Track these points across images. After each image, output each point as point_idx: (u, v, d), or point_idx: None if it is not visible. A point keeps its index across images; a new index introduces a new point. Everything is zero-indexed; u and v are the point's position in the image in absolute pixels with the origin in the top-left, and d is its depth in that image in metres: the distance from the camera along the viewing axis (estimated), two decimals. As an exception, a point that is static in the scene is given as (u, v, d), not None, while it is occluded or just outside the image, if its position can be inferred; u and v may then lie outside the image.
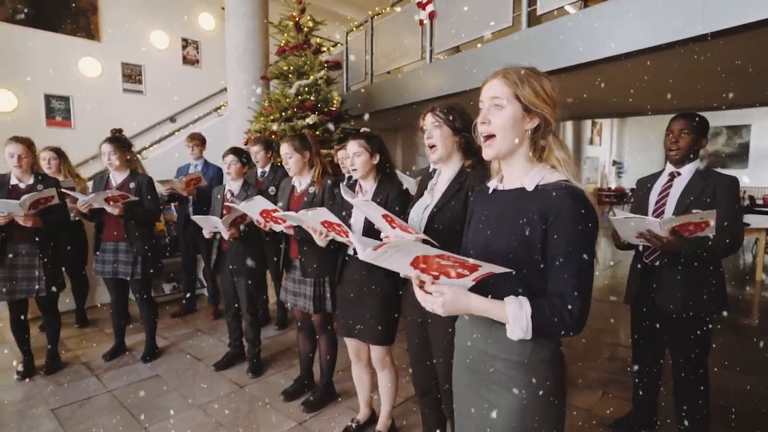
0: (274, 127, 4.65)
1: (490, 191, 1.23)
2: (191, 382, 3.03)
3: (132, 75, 6.44)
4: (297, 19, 4.84)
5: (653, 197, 2.26)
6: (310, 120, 4.62)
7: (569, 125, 14.71)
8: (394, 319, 2.18)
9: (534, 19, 3.85)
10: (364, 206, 1.64)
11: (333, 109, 4.82)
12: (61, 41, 5.80)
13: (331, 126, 4.69)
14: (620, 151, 17.86)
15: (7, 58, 5.46)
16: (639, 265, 2.31)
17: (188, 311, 4.46)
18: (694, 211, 2.01)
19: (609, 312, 4.42)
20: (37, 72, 5.61)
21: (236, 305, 3.18)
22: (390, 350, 2.29)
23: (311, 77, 4.75)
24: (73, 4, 5.83)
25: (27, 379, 3.05)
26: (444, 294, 1.02)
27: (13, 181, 3.01)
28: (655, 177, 2.33)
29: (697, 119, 2.14)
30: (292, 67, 4.87)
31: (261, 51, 5.29)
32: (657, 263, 2.20)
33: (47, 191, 2.83)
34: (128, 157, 3.30)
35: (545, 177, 1.11)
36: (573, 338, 3.87)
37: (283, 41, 4.96)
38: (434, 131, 1.71)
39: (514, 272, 1.00)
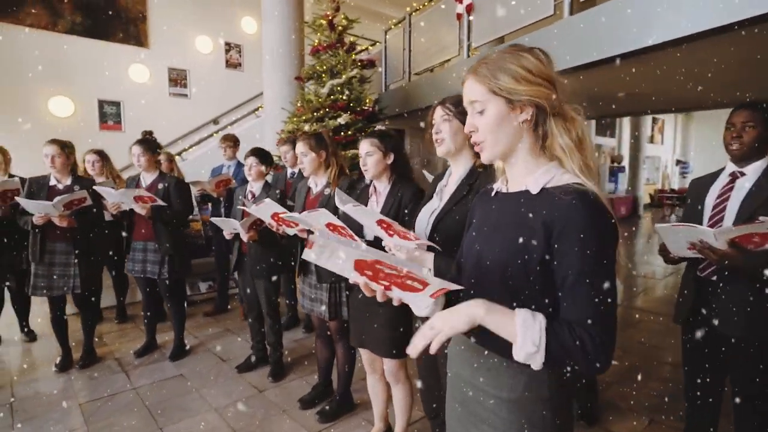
0: (306, 127, 4.61)
1: (493, 194, 1.05)
2: (213, 384, 3.02)
3: (178, 79, 6.69)
4: (330, 18, 4.78)
5: (710, 201, 1.94)
6: (342, 120, 4.54)
7: (626, 122, 13.81)
8: (406, 331, 2.03)
9: (577, 6, 3.54)
10: (355, 213, 1.50)
11: (366, 108, 4.72)
12: (113, 49, 6.11)
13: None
14: (685, 150, 16.55)
15: (66, 67, 5.82)
16: (692, 279, 2.00)
17: (220, 311, 4.51)
18: (760, 218, 1.69)
19: (656, 327, 4.01)
20: (92, 79, 5.94)
21: (258, 308, 3.14)
22: (405, 364, 2.14)
23: (344, 76, 4.68)
24: (124, 14, 6.12)
25: (63, 372, 3.17)
26: (434, 327, 0.84)
27: (52, 182, 3.14)
28: (713, 177, 2.00)
29: (764, 108, 1.81)
30: (325, 67, 4.82)
31: (296, 52, 5.29)
32: (714, 278, 1.89)
33: (79, 193, 2.91)
34: (157, 158, 3.36)
35: (555, 178, 0.92)
36: (616, 354, 3.54)
37: (317, 41, 4.91)
38: (443, 125, 1.54)
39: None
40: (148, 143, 3.31)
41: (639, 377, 3.07)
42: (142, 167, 3.26)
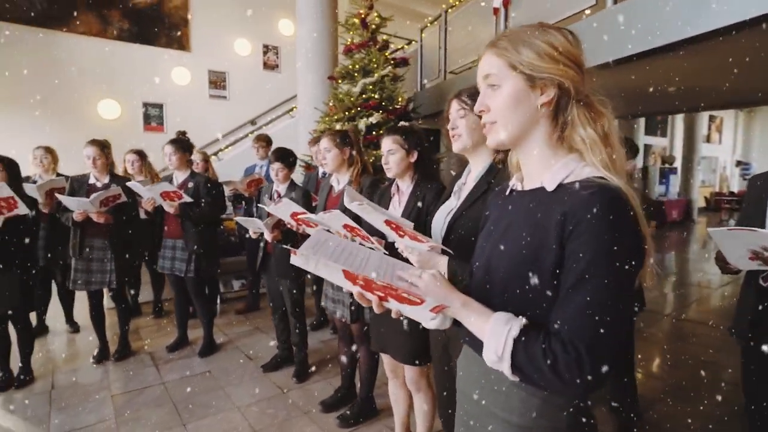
0: (338, 126, 4.58)
1: (507, 192, 0.94)
2: (238, 382, 3.03)
3: (217, 81, 6.87)
4: (363, 16, 4.74)
5: (773, 202, 1.73)
6: (373, 119, 4.49)
7: (679, 120, 13.00)
8: (428, 338, 1.93)
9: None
10: (361, 211, 1.41)
11: (398, 107, 4.64)
12: (157, 53, 6.36)
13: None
14: (746, 150, 15.41)
15: (114, 71, 6.10)
16: (753, 289, 1.78)
17: (251, 309, 4.56)
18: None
19: (711, 342, 3.69)
20: (137, 82, 6.20)
21: (283, 308, 3.13)
22: (426, 371, 2.03)
23: (376, 75, 4.62)
24: (168, 19, 6.34)
25: (100, 364, 3.28)
26: (422, 278, 0.84)
27: (92, 180, 3.26)
28: (775, 174, 1.79)
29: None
30: (358, 66, 4.78)
31: (329, 51, 5.29)
32: (779, 288, 1.67)
33: (113, 189, 3.01)
34: (189, 158, 3.42)
35: (575, 172, 0.80)
36: (663, 368, 3.28)
37: (350, 40, 4.89)
38: (459, 121, 1.43)
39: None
40: (180, 143, 3.38)
41: (690, 395, 2.82)
42: (174, 166, 3.33)
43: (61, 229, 3.40)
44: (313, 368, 3.18)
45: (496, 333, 0.73)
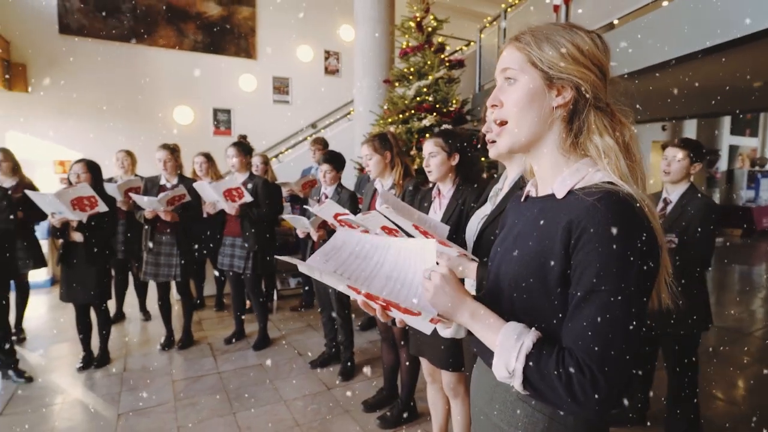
0: (391, 129, 4.62)
1: (522, 199, 0.91)
2: (286, 377, 3.15)
3: (281, 87, 7.19)
4: (419, 19, 4.74)
5: None
6: (427, 121, 4.47)
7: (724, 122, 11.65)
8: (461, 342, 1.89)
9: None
10: (389, 215, 1.41)
11: (452, 109, 4.59)
12: (226, 62, 6.78)
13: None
14: None
15: (188, 79, 6.59)
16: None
17: (306, 306, 4.71)
18: None
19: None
20: (208, 90, 6.65)
21: (331, 306, 3.21)
22: (464, 377, 2.00)
23: (430, 77, 4.60)
24: (237, 29, 6.74)
25: (165, 351, 3.56)
26: (432, 275, 0.79)
27: (162, 181, 3.54)
28: None
29: None
30: (413, 69, 4.79)
31: (385, 55, 5.35)
32: None
33: (178, 190, 3.24)
34: (249, 160, 3.61)
35: (586, 178, 0.76)
36: (739, 393, 2.96)
37: (405, 43, 4.91)
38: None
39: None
40: (242, 146, 3.58)
41: (752, 422, 2.52)
42: (235, 168, 3.53)
43: (137, 225, 3.73)
44: (367, 370, 3.23)
45: (508, 347, 0.71)
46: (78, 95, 6.03)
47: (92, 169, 3.16)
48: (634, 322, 0.66)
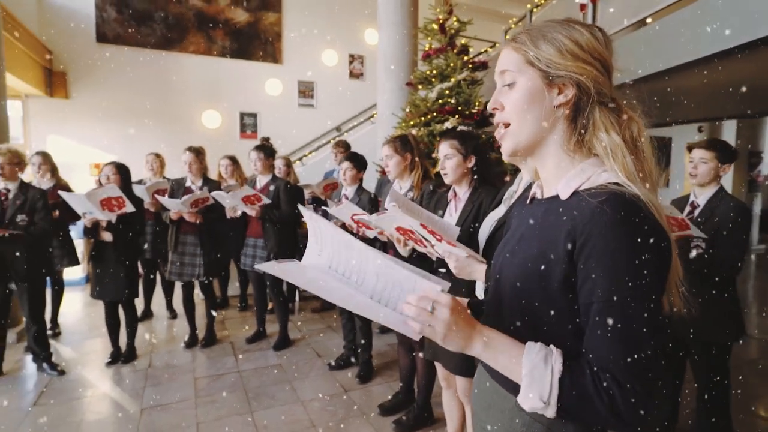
0: (414, 131, 4.61)
1: (528, 201, 0.88)
2: (305, 377, 3.17)
3: (306, 91, 7.29)
4: (441, 21, 4.71)
5: None
6: (449, 124, 4.43)
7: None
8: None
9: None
10: (396, 213, 1.40)
11: (474, 111, 4.54)
12: (253, 67, 6.93)
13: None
14: None
15: (216, 84, 6.77)
16: None
17: (326, 308, 4.73)
18: None
19: None
20: (235, 94, 6.81)
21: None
22: (480, 384, 1.96)
23: (453, 79, 4.57)
24: (263, 35, 6.89)
25: (189, 349, 3.64)
26: (437, 310, 0.69)
27: (188, 183, 3.64)
28: None
29: None
30: (435, 71, 4.77)
31: (408, 58, 5.35)
32: None
33: (201, 193, 3.32)
34: (272, 163, 3.67)
35: (592, 178, 0.73)
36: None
37: (428, 45, 4.89)
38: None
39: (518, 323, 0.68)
40: (265, 149, 3.64)
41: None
42: (258, 170, 3.59)
43: (164, 226, 3.84)
44: (385, 374, 3.22)
45: (537, 377, 0.65)
46: (113, 101, 6.29)
47: (121, 170, 3.27)
48: (660, 329, 0.64)
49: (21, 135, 6.18)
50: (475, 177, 1.93)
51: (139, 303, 4.09)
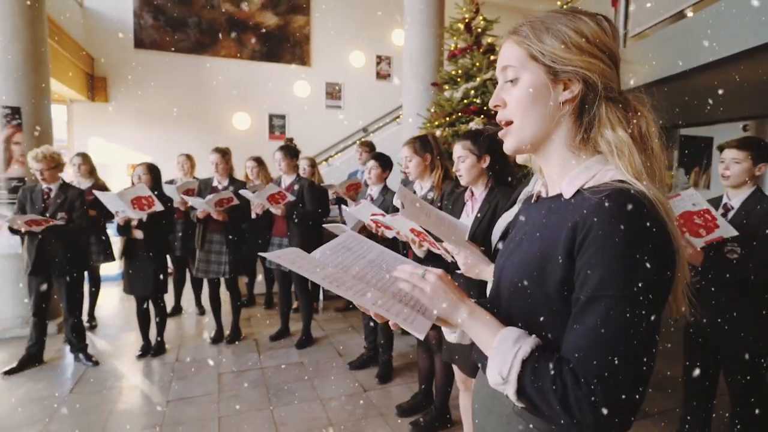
0: (438, 132, 4.58)
1: (533, 200, 0.86)
2: (325, 376, 3.20)
3: (333, 92, 7.36)
4: (467, 20, 4.66)
5: None
6: (474, 124, 4.38)
7: None
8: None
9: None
10: (402, 211, 1.39)
11: (500, 111, 4.46)
12: (282, 69, 7.06)
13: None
14: None
15: (247, 87, 6.94)
16: None
17: (349, 308, 4.76)
18: None
19: None
20: (265, 96, 6.96)
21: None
22: (495, 389, 1.92)
23: (478, 79, 4.51)
24: (292, 38, 7.01)
25: (215, 345, 3.74)
26: (427, 275, 0.76)
27: (215, 183, 3.75)
28: None
29: None
30: (461, 71, 4.72)
31: (434, 58, 5.32)
32: None
33: (225, 193, 3.40)
34: (296, 163, 3.73)
35: (597, 176, 0.71)
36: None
37: (454, 45, 4.85)
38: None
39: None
40: (289, 149, 3.70)
41: None
42: (283, 170, 3.66)
43: (193, 224, 3.96)
44: (404, 374, 3.21)
45: (503, 350, 0.67)
46: (149, 104, 6.55)
47: (152, 171, 3.40)
48: (642, 334, 0.60)
49: (65, 138, 6.52)
50: (492, 177, 1.90)
51: (170, 299, 4.26)
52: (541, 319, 0.69)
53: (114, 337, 3.97)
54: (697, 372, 2.07)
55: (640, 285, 0.60)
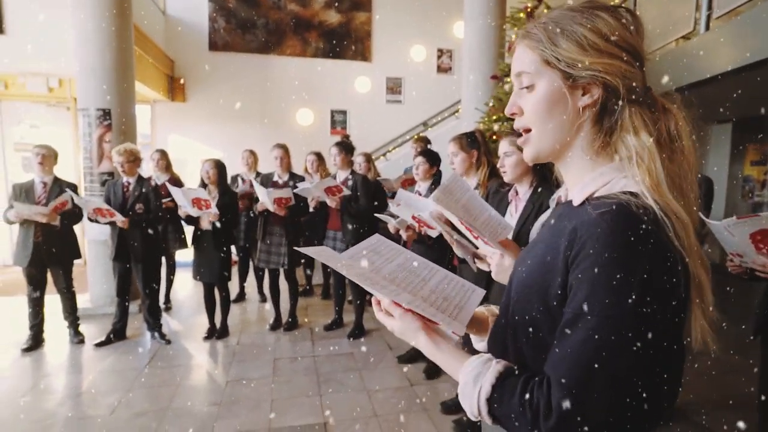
0: (496, 127, 4.46)
1: (554, 205, 0.84)
2: (374, 368, 3.27)
3: (393, 87, 7.40)
4: (530, 9, 4.47)
5: None
6: (534, 117, 4.22)
7: None
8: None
9: None
10: (445, 211, 1.37)
11: (563, 103, 4.25)
12: (344, 66, 7.21)
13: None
14: None
15: (310, 84, 7.18)
16: None
17: (402, 301, 4.80)
18: None
19: None
20: (327, 92, 7.16)
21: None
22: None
23: (540, 70, 4.32)
24: (354, 34, 7.13)
25: (272, 331, 3.96)
26: (394, 318, 0.79)
27: (275, 177, 3.94)
28: None
29: None
30: (521, 62, 4.55)
31: (494, 49, 5.16)
32: None
33: (284, 191, 3.55)
34: (351, 158, 3.81)
35: (611, 184, 0.67)
36: None
37: (515, 36, 4.67)
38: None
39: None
40: (344, 145, 3.80)
41: None
42: (338, 166, 3.76)
43: (256, 217, 4.20)
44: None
45: (467, 394, 0.67)
46: (220, 102, 7.00)
47: (218, 166, 3.65)
48: (629, 357, 0.56)
49: (149, 135, 7.17)
50: (537, 175, 1.84)
51: (235, 286, 4.55)
52: (541, 328, 0.66)
53: (185, 319, 4.33)
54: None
55: (628, 308, 0.56)
